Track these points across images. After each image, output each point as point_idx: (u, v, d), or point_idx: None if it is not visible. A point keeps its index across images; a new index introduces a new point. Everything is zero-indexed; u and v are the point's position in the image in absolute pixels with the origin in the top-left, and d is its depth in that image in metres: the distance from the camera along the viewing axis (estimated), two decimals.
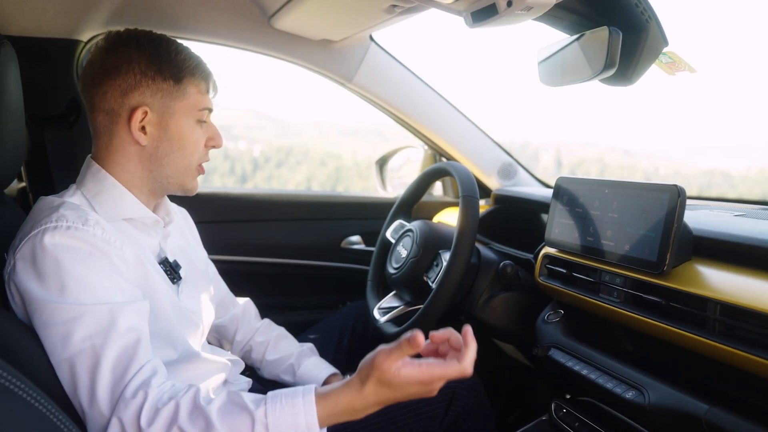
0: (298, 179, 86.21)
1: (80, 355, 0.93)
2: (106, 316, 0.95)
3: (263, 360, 1.49)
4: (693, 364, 1.06)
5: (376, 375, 0.90)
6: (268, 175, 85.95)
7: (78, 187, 1.12)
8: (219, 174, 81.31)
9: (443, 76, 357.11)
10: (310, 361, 1.46)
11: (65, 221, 0.99)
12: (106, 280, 0.99)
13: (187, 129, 1.13)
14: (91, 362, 0.93)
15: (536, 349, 1.29)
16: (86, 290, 0.96)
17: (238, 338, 1.49)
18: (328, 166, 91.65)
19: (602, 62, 1.04)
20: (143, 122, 1.09)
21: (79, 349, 0.93)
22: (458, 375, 0.92)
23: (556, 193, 1.35)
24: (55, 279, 0.95)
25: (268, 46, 1.72)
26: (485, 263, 1.48)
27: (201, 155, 1.18)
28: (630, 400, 1.04)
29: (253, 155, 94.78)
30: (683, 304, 1.02)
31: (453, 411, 1.28)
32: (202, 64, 1.14)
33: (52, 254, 0.96)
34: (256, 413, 0.90)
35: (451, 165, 1.49)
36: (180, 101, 1.11)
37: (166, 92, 1.10)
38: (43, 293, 0.95)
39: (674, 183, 1.06)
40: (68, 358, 0.93)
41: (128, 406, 0.91)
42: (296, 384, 1.39)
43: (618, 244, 1.16)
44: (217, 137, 1.20)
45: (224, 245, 1.89)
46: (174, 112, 1.11)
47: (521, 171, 2.06)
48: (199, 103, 1.14)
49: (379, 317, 1.53)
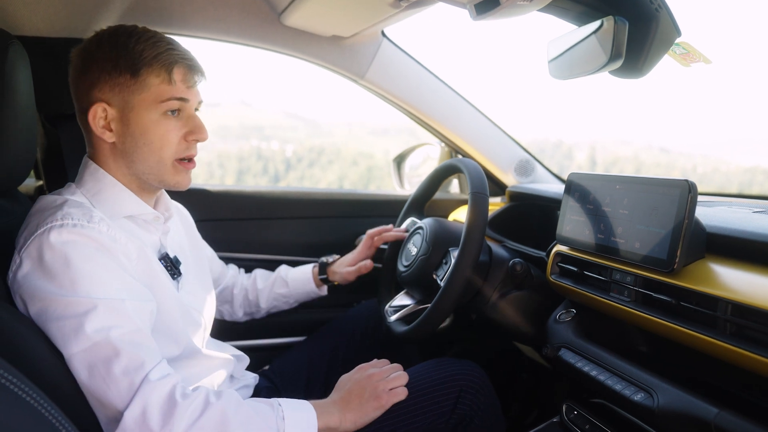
0: (330, 178, 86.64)
1: (96, 346, 0.93)
2: (120, 309, 0.97)
3: (257, 291, 1.62)
4: (704, 365, 1.02)
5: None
6: (301, 174, 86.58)
7: (77, 186, 1.13)
8: (252, 174, 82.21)
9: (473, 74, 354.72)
10: (295, 269, 1.68)
11: (71, 219, 1.00)
12: (114, 277, 1.00)
13: (150, 123, 1.10)
14: (108, 352, 0.93)
15: (546, 349, 1.26)
16: (97, 285, 0.97)
17: (235, 292, 1.63)
18: (360, 165, 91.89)
19: (608, 53, 1.01)
20: (107, 119, 1.10)
21: (95, 340, 0.93)
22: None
23: (568, 189, 1.31)
24: (65, 274, 0.96)
25: (279, 43, 1.71)
26: (497, 261, 1.45)
27: (175, 149, 1.13)
28: (638, 402, 1.01)
29: (285, 155, 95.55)
30: (694, 303, 0.98)
31: (460, 409, 1.26)
32: (164, 54, 1.09)
33: (60, 251, 0.97)
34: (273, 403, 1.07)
35: (461, 161, 1.46)
36: (139, 94, 1.09)
37: (124, 86, 1.08)
38: (54, 288, 0.95)
39: (685, 178, 1.02)
40: (83, 349, 0.93)
41: (155, 389, 0.93)
42: (290, 293, 1.65)
43: (628, 242, 1.12)
44: (197, 130, 1.15)
45: (238, 243, 1.89)
46: (134, 106, 1.09)
47: (539, 167, 2.02)
48: (162, 93, 1.09)
49: (389, 316, 1.51)
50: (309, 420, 1.08)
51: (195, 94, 1.15)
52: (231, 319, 1.65)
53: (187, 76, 1.12)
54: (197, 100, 1.16)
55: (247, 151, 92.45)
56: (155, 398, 0.93)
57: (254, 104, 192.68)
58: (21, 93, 1.10)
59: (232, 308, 1.62)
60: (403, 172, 2.33)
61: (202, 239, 1.49)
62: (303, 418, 1.07)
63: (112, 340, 0.93)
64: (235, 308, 1.62)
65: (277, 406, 1.06)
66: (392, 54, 1.82)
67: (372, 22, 1.56)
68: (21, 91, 1.10)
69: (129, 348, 0.94)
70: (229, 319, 1.65)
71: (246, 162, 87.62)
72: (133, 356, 0.94)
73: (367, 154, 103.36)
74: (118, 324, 0.95)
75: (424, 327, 1.33)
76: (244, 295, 1.61)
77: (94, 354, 0.93)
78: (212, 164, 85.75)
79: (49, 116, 1.58)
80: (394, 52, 1.83)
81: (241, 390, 1.30)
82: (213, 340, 1.37)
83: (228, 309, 1.62)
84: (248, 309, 1.64)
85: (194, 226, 1.46)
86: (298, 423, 1.05)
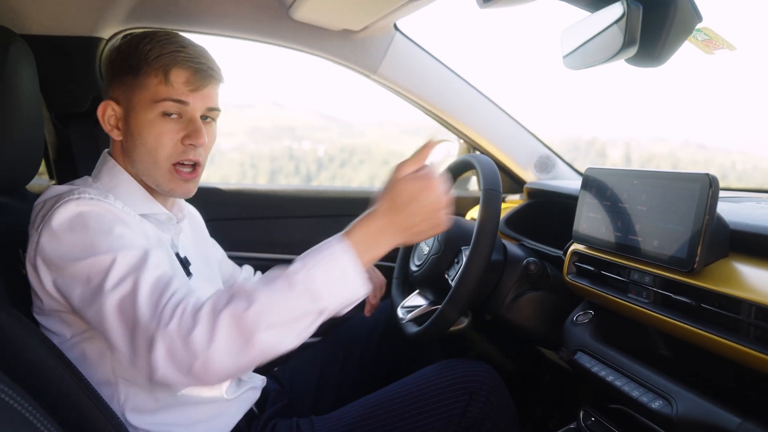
0: (361, 178, 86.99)
1: (121, 296, 0.90)
2: (139, 254, 0.94)
3: None
4: (726, 371, 0.96)
5: (386, 188, 0.96)
6: (332, 174, 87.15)
7: (94, 180, 1.13)
8: (284, 174, 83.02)
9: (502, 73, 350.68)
10: None
11: (87, 194, 1.00)
12: (133, 234, 0.99)
13: (146, 123, 1.08)
14: (127, 299, 0.89)
15: (561, 352, 1.21)
16: (116, 240, 0.95)
17: None
18: (391, 164, 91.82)
19: (621, 40, 0.95)
20: (115, 117, 1.11)
21: (118, 290, 0.90)
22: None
23: (585, 185, 1.26)
24: (86, 237, 0.95)
25: (289, 39, 1.69)
26: (512, 260, 1.40)
27: (172, 152, 1.10)
28: (656, 410, 0.95)
29: (317, 155, 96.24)
30: (716, 305, 0.92)
31: (471, 412, 1.22)
32: (167, 54, 1.07)
33: (78, 219, 0.97)
34: (290, 272, 0.88)
35: (474, 157, 1.41)
36: (139, 94, 1.08)
37: (128, 85, 1.08)
38: (76, 253, 0.94)
39: (706, 172, 0.95)
40: (110, 304, 0.90)
41: (170, 321, 0.86)
42: None
43: (646, 240, 1.06)
44: (194, 134, 1.09)
45: (252, 242, 1.87)
46: (134, 106, 1.08)
47: (560, 163, 1.96)
48: (158, 93, 1.07)
49: (402, 316, 1.47)
50: (352, 272, 0.90)
51: (200, 99, 1.10)
52: None
53: (192, 78, 1.08)
54: (205, 106, 1.11)
55: (279, 152, 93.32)
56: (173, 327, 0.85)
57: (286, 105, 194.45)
58: (25, 91, 1.09)
59: None
60: None
61: (212, 240, 1.48)
62: (341, 272, 0.90)
63: (136, 284, 0.90)
64: None
65: (295, 275, 0.88)
66: (406, 48, 1.78)
67: (383, 14, 1.52)
68: (25, 88, 1.09)
69: (150, 284, 0.90)
70: None
71: (278, 162, 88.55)
72: (155, 291, 0.90)
73: (399, 154, 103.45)
74: (140, 268, 0.92)
75: (434, 328, 1.29)
76: None
77: (122, 304, 0.89)
78: (245, 164, 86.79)
79: (59, 115, 1.58)
80: (408, 46, 1.78)
81: (248, 392, 1.27)
82: None
83: None
84: None
85: (204, 226, 1.45)
86: (334, 285, 0.89)
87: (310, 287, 0.87)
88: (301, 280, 0.87)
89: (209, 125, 1.15)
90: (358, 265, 0.90)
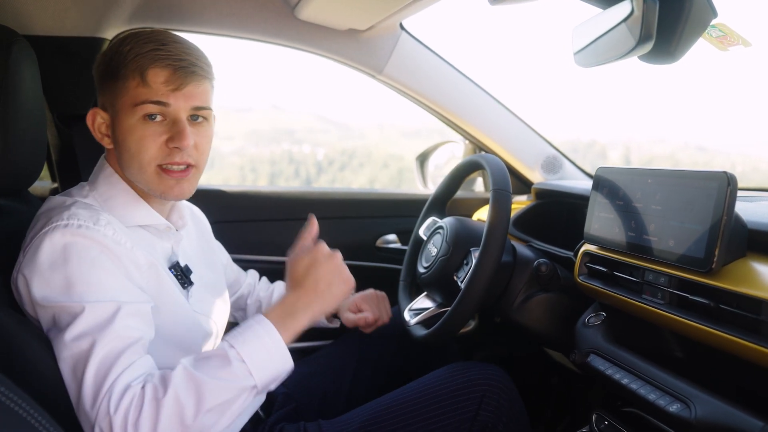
0: (361, 181, 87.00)
1: (74, 352, 0.91)
2: (106, 313, 0.93)
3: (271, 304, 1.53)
4: (747, 374, 0.94)
5: (290, 272, 1.08)
6: (332, 177, 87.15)
7: (90, 188, 1.10)
8: (284, 177, 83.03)
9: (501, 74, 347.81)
10: None
11: (76, 220, 0.98)
12: (113, 280, 0.97)
13: (129, 127, 1.04)
14: (80, 360, 0.90)
15: (574, 354, 1.19)
16: (93, 288, 0.94)
17: (249, 302, 1.57)
18: (391, 167, 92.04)
19: (637, 36, 0.93)
20: (104, 124, 1.09)
21: (75, 345, 0.91)
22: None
23: (596, 185, 1.24)
24: (62, 278, 0.94)
25: (294, 39, 1.67)
26: (521, 262, 1.38)
27: (154, 154, 1.04)
28: (674, 413, 0.93)
29: (316, 158, 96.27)
30: (735, 306, 0.91)
31: (482, 416, 1.20)
32: (144, 54, 1.01)
33: (61, 253, 0.95)
34: (225, 348, 0.95)
35: (483, 157, 1.39)
36: (121, 98, 1.04)
37: (111, 90, 1.05)
38: (49, 292, 0.94)
39: (723, 170, 0.94)
40: (66, 356, 0.91)
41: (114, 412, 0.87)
42: None
43: (662, 240, 1.04)
44: (177, 136, 1.04)
45: (257, 244, 1.85)
46: (118, 110, 1.05)
47: (567, 164, 1.94)
48: (137, 96, 1.02)
49: (409, 319, 1.45)
50: (275, 347, 0.99)
51: (182, 98, 1.04)
52: None
53: (171, 77, 1.02)
54: (190, 105, 1.05)
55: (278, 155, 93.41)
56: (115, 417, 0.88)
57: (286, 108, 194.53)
58: (27, 91, 1.07)
59: (245, 316, 1.57)
60: (426, 171, 2.27)
61: (217, 244, 1.45)
62: (266, 348, 0.98)
63: (90, 348, 0.90)
64: (248, 317, 1.56)
65: (230, 350, 0.95)
66: (412, 47, 1.76)
67: (389, 13, 1.50)
68: (27, 89, 1.07)
69: (101, 358, 0.90)
70: None
71: (278, 165, 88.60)
72: (102, 366, 0.90)
73: (398, 156, 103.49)
74: (98, 329, 0.92)
75: (443, 331, 1.27)
76: (258, 306, 1.56)
77: (71, 360, 0.91)
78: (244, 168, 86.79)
79: (62, 116, 1.56)
80: (414, 46, 1.76)
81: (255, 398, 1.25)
82: None
83: (242, 316, 1.57)
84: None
85: (209, 230, 1.42)
86: (263, 359, 0.97)
87: (242, 366, 0.95)
88: (233, 357, 0.95)
89: (200, 125, 1.09)
90: (280, 341, 0.99)
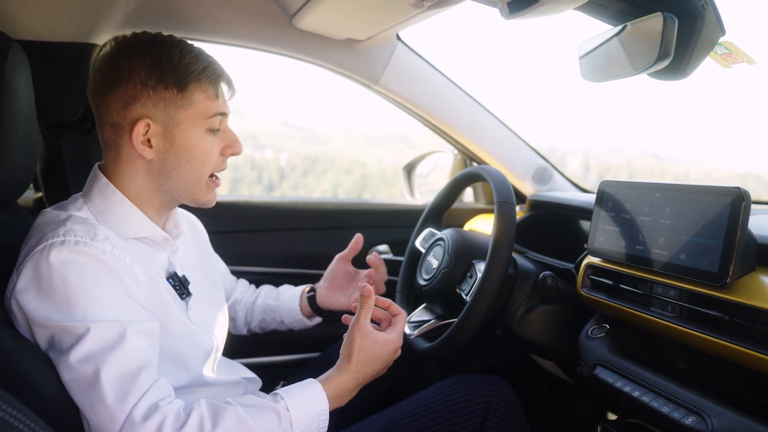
0: (324, 187, 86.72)
1: (83, 374, 0.88)
2: (114, 333, 0.90)
3: (253, 305, 1.54)
4: (758, 386, 0.96)
5: (357, 345, 1.08)
6: (295, 183, 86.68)
7: (84, 201, 1.06)
8: (246, 183, 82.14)
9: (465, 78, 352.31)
10: (287, 288, 1.58)
11: (73, 236, 0.94)
12: (114, 299, 0.94)
13: (196, 139, 1.05)
14: (92, 382, 0.88)
15: (580, 367, 1.19)
16: (94, 307, 0.91)
17: (238, 309, 1.55)
18: (354, 173, 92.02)
19: (655, 53, 0.94)
20: (148, 135, 1.03)
21: (82, 367, 0.88)
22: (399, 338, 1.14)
23: (600, 199, 1.25)
24: (62, 297, 0.90)
25: (291, 47, 1.65)
26: (523, 274, 1.38)
27: (215, 165, 1.11)
28: (690, 427, 0.94)
29: (279, 164, 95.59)
30: (748, 319, 0.92)
31: (489, 427, 1.21)
32: (210, 67, 1.06)
33: (59, 272, 0.91)
34: (279, 408, 0.98)
35: (485, 169, 1.40)
36: (186, 110, 1.04)
37: (170, 101, 1.02)
38: (49, 312, 0.90)
39: (737, 186, 0.95)
40: (73, 378, 0.89)
41: (139, 431, 0.86)
42: (279, 306, 1.52)
43: (672, 254, 1.05)
44: (235, 144, 1.12)
45: (247, 255, 1.82)
46: (180, 122, 1.04)
47: (557, 175, 1.96)
48: (207, 109, 1.06)
49: (409, 331, 1.44)
50: (320, 427, 1.03)
51: (228, 108, 1.13)
52: (236, 333, 1.58)
53: (230, 91, 1.12)
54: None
55: (241, 160, 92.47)
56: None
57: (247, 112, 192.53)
58: (21, 99, 1.03)
59: (235, 325, 1.55)
60: (413, 181, 2.26)
61: (214, 253, 1.42)
62: (314, 423, 1.02)
63: (100, 370, 0.88)
64: (238, 325, 1.55)
65: (284, 412, 0.99)
66: (407, 58, 1.76)
67: (389, 24, 1.49)
68: (21, 97, 1.03)
69: (116, 378, 0.89)
70: (235, 333, 1.58)
71: (240, 171, 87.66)
72: (120, 388, 0.88)
73: (362, 162, 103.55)
74: (108, 349, 0.89)
75: (450, 343, 1.27)
76: (245, 313, 1.54)
77: (83, 382, 0.88)
78: None
79: (49, 125, 1.51)
80: (409, 56, 1.76)
81: None
82: (224, 360, 1.30)
83: (232, 325, 1.55)
84: (250, 327, 1.56)
85: (207, 238, 1.39)
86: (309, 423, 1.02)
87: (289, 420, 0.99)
88: (284, 421, 0.98)
89: None
90: (326, 413, 1.04)
